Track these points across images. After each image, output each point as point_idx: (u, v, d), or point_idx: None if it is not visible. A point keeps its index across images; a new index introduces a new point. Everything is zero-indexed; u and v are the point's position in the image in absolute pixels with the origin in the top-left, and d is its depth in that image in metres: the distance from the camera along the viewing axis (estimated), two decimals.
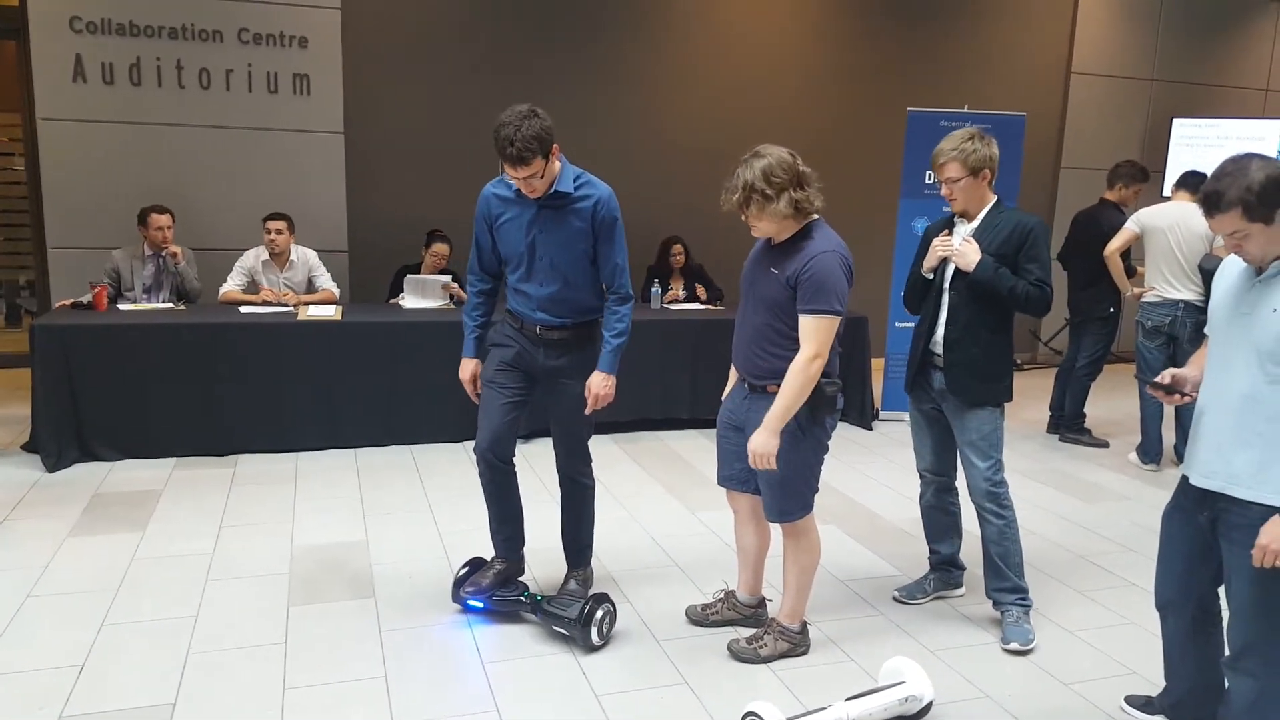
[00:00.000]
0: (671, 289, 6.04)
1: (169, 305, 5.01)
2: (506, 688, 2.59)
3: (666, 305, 5.78)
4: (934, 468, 3.11)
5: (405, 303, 5.30)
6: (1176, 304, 4.72)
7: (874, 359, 5.72)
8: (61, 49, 5.36)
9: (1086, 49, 7.64)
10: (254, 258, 5.24)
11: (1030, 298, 2.80)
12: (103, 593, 3.08)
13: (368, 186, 6.09)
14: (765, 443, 2.53)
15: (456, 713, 2.46)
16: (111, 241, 5.32)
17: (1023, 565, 2.99)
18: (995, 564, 2.97)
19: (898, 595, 3.22)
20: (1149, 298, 4.84)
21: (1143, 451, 4.97)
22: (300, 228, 5.37)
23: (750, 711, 2.28)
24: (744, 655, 2.76)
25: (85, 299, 4.78)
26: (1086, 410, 5.45)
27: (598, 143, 6.35)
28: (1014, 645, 2.86)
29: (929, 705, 2.47)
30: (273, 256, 5.23)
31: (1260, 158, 1.96)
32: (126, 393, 4.41)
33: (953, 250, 2.86)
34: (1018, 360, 7.61)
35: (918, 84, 7.10)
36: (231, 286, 5.19)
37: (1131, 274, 5.11)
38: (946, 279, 2.91)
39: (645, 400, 5.20)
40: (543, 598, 2.91)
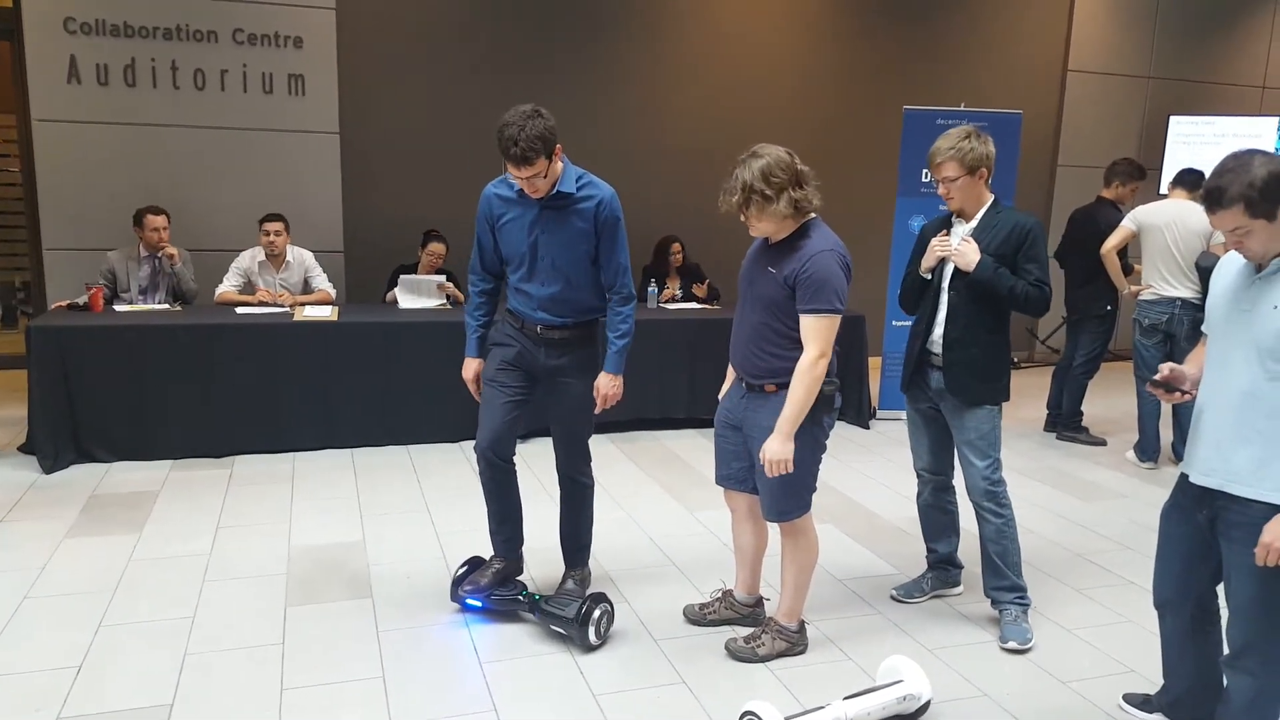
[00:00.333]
0: (668, 288, 6.04)
1: (165, 306, 5.00)
2: (504, 687, 2.58)
3: (663, 305, 5.78)
4: (931, 467, 3.11)
5: (401, 302, 5.29)
6: (1174, 302, 4.73)
7: (871, 358, 5.72)
8: (56, 50, 5.35)
9: (1083, 47, 7.64)
10: (250, 258, 5.24)
11: (1030, 298, 2.80)
12: (100, 594, 3.07)
13: (363, 187, 6.08)
14: (779, 449, 2.52)
15: (454, 713, 2.46)
16: (107, 243, 5.31)
17: (1021, 564, 2.99)
18: (993, 563, 2.97)
19: (895, 594, 3.22)
20: (1146, 295, 4.84)
21: (1140, 449, 4.98)
22: (296, 228, 5.36)
23: (748, 711, 2.28)
24: (742, 654, 2.76)
25: (81, 300, 4.77)
26: (1084, 408, 5.45)
27: (595, 142, 6.35)
28: (1012, 644, 2.87)
29: (927, 704, 2.47)
30: (269, 257, 5.22)
31: (1262, 154, 1.95)
32: (123, 394, 4.40)
33: (951, 250, 2.85)
34: (1015, 359, 7.62)
35: (914, 82, 7.11)
36: (228, 287, 5.18)
37: (1128, 272, 5.11)
38: (945, 279, 2.91)
39: (642, 400, 5.19)
40: (541, 597, 2.91)
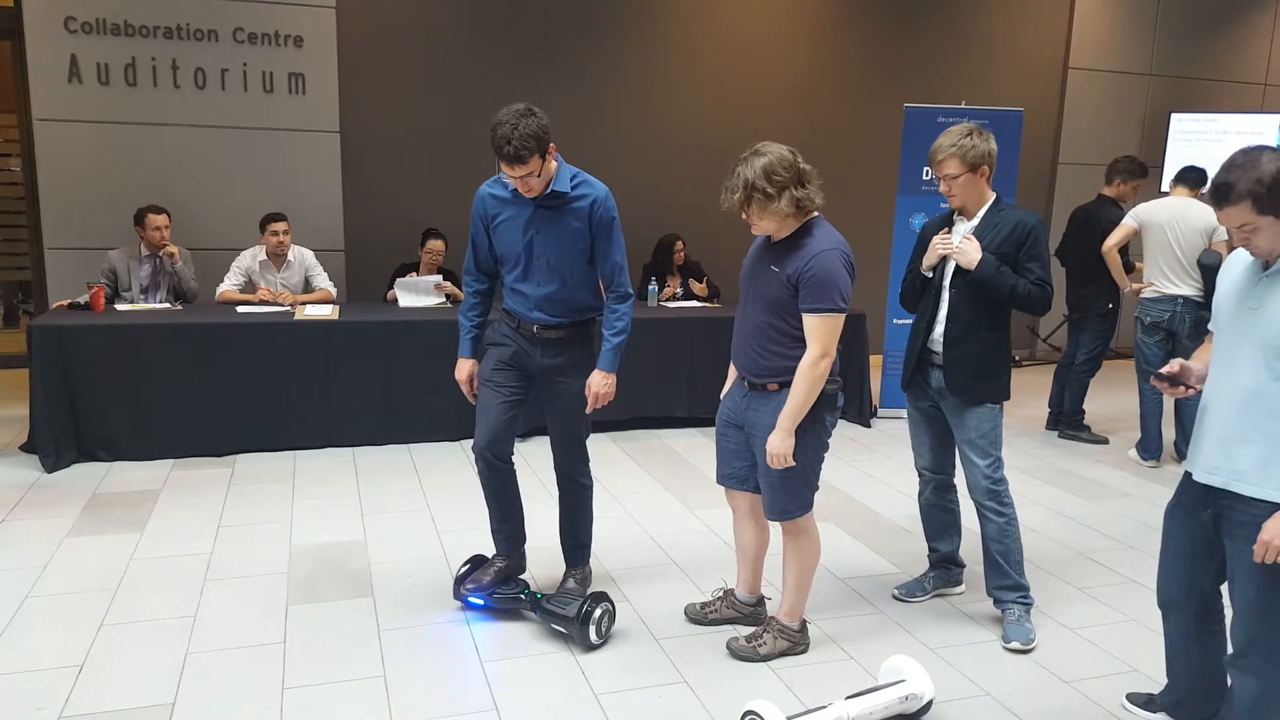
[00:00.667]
0: (669, 285, 6.04)
1: (166, 305, 5.00)
2: (505, 686, 2.58)
3: (663, 303, 5.78)
4: (933, 465, 3.11)
5: (401, 301, 5.29)
6: (1175, 299, 4.72)
7: (872, 356, 5.71)
8: (57, 49, 5.35)
9: (1084, 44, 7.63)
10: (251, 258, 5.24)
11: (1032, 297, 2.79)
12: (101, 593, 3.07)
13: (364, 186, 6.08)
14: (781, 443, 2.53)
15: (455, 712, 2.46)
16: (108, 242, 5.31)
17: (1023, 563, 2.99)
18: (996, 562, 2.97)
19: (897, 593, 3.22)
20: (1148, 293, 4.83)
21: (1142, 448, 4.97)
22: (296, 227, 5.36)
23: (750, 710, 2.28)
24: (743, 654, 2.76)
25: (82, 299, 4.77)
26: (1086, 406, 5.45)
27: (596, 141, 6.35)
28: (1015, 645, 2.86)
29: (929, 703, 2.47)
30: (271, 257, 5.22)
31: (1271, 150, 1.94)
32: (124, 393, 4.40)
33: (953, 248, 2.84)
34: (1016, 357, 7.62)
35: (915, 80, 7.10)
36: (229, 286, 5.18)
37: (1130, 270, 5.10)
38: (946, 277, 2.90)
39: (643, 399, 5.19)
40: (542, 596, 2.90)
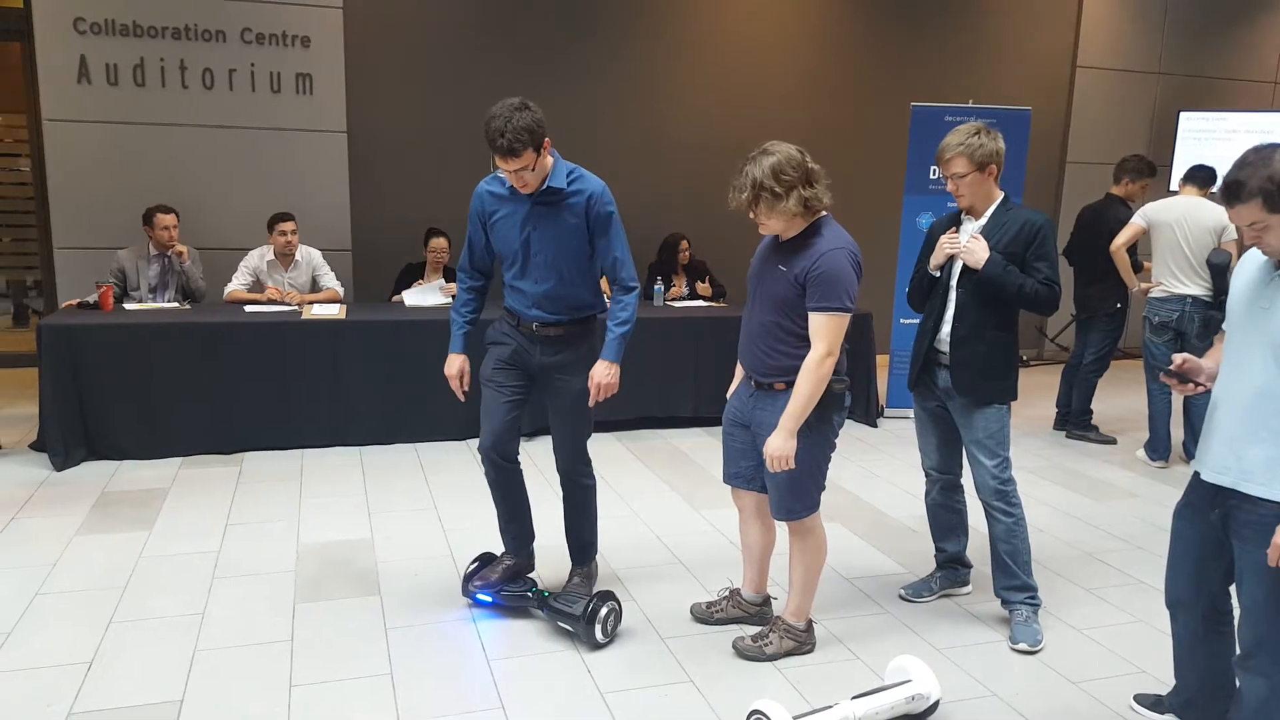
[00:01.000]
0: (675, 285, 6.04)
1: (174, 305, 5.02)
2: (512, 685, 2.59)
3: (669, 303, 5.78)
4: (940, 465, 3.10)
5: (407, 300, 5.31)
6: (1184, 299, 4.70)
7: (879, 355, 5.70)
8: (66, 50, 5.38)
9: (1092, 42, 7.60)
10: (259, 257, 5.25)
11: (1039, 296, 2.78)
12: (110, 590, 3.09)
13: (371, 185, 6.09)
14: (782, 445, 2.52)
15: (462, 709, 2.47)
16: (117, 241, 5.33)
17: (1031, 563, 2.98)
18: (1004, 562, 2.96)
19: (904, 593, 3.21)
20: (1156, 293, 4.81)
21: (1150, 448, 4.95)
22: (304, 227, 5.38)
23: (756, 710, 2.28)
24: (749, 653, 2.76)
25: (91, 299, 4.79)
26: (1093, 407, 5.43)
27: (600, 141, 6.35)
28: (1022, 646, 2.85)
29: (935, 704, 2.47)
30: (279, 256, 5.24)
31: None
32: (133, 392, 4.42)
33: (961, 248, 2.84)
34: (1023, 357, 7.59)
35: (922, 78, 7.08)
36: (236, 286, 5.20)
37: (1138, 269, 5.08)
38: (953, 276, 2.89)
39: (648, 398, 5.19)
40: (549, 594, 2.91)
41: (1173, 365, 2.21)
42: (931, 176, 5.53)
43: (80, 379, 4.34)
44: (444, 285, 5.34)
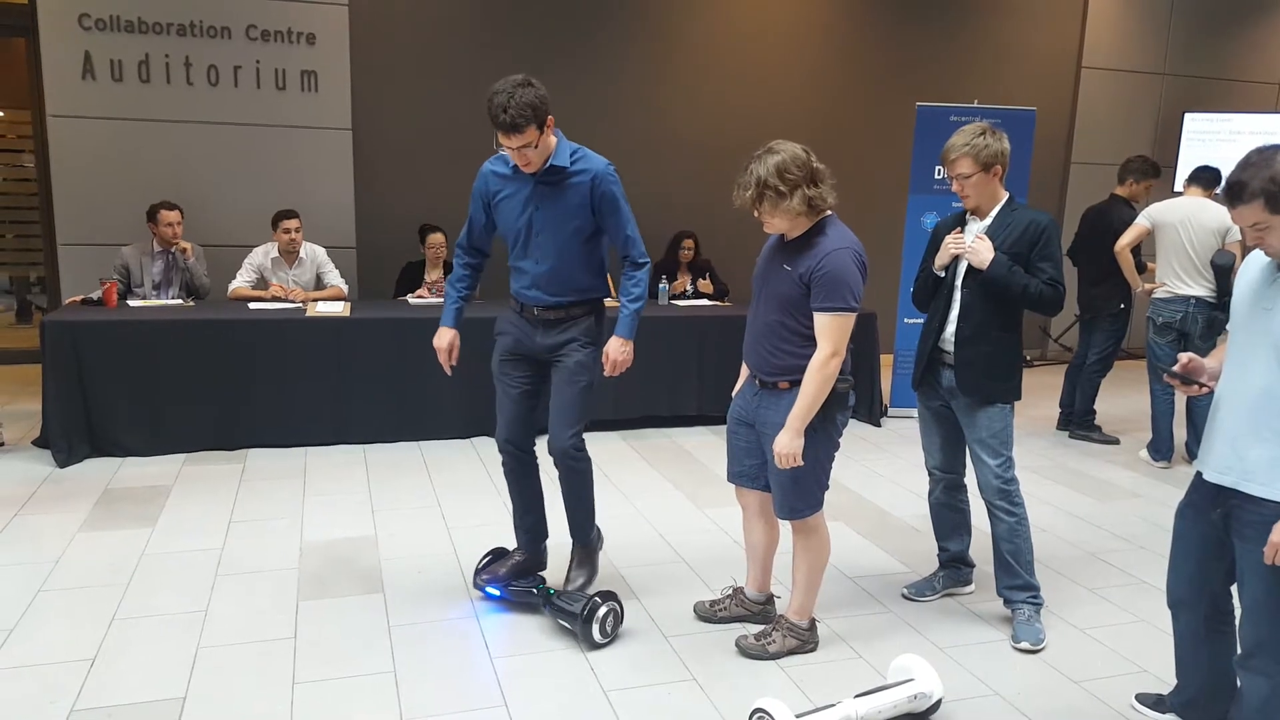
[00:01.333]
0: (679, 280, 6.05)
1: (178, 301, 5.03)
2: (515, 683, 2.59)
3: (673, 301, 5.78)
4: (943, 465, 3.10)
5: (412, 299, 5.31)
6: (1188, 300, 4.69)
7: (883, 355, 5.70)
8: (71, 46, 5.38)
9: (1097, 43, 7.59)
10: (263, 254, 5.26)
11: (1044, 297, 2.78)
12: (114, 587, 3.09)
13: (376, 183, 6.10)
14: (790, 443, 2.53)
15: (465, 707, 2.47)
16: (121, 238, 5.34)
17: (1033, 563, 2.98)
18: (1006, 561, 2.96)
19: (907, 592, 3.22)
20: (1160, 294, 4.81)
21: (1153, 448, 4.95)
22: (308, 224, 5.38)
23: (759, 708, 2.28)
24: (752, 652, 2.76)
25: (95, 295, 4.80)
26: (1097, 407, 5.42)
27: (605, 139, 6.31)
28: (1025, 645, 2.85)
29: (938, 703, 2.47)
30: (284, 254, 5.24)
31: None
32: (136, 388, 4.43)
33: (965, 248, 2.84)
34: (1027, 357, 7.58)
35: (927, 78, 7.08)
36: (241, 283, 5.20)
37: (1142, 270, 5.08)
38: (958, 277, 2.89)
39: (653, 397, 5.19)
40: (554, 592, 2.91)
41: (1176, 366, 2.21)
42: (936, 176, 5.53)
43: (83, 376, 4.35)
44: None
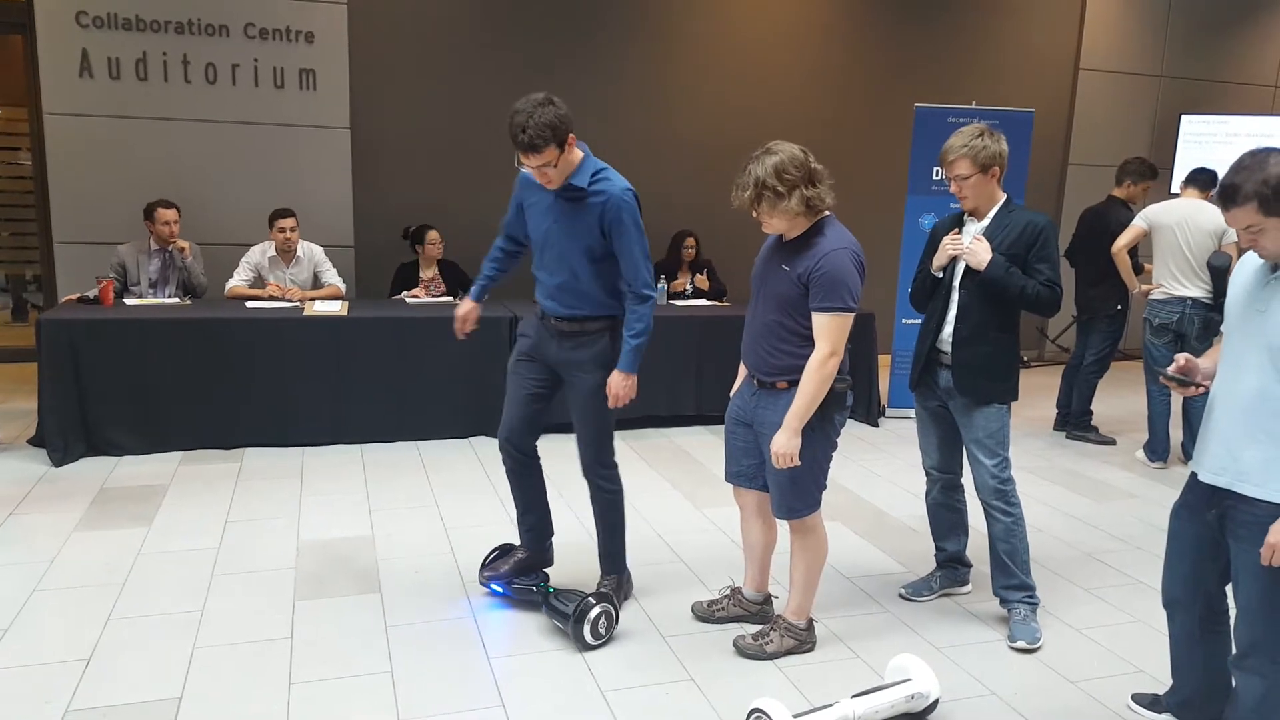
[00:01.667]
0: (679, 280, 6.06)
1: (175, 300, 5.02)
2: (512, 683, 2.59)
3: (672, 301, 5.79)
4: (940, 465, 3.10)
5: (409, 299, 5.31)
6: (1184, 301, 4.70)
7: (881, 355, 5.70)
8: (68, 43, 5.37)
9: (1095, 45, 7.60)
10: (260, 253, 5.25)
11: (1041, 298, 2.79)
12: (109, 587, 3.08)
13: (374, 182, 6.09)
14: (787, 443, 2.53)
15: (462, 707, 2.47)
16: (118, 236, 5.33)
17: (1029, 563, 2.99)
18: (1002, 561, 2.97)
19: (904, 592, 3.22)
20: (1157, 295, 4.82)
21: (1150, 449, 4.96)
22: (306, 223, 5.37)
23: (756, 708, 2.28)
24: (750, 652, 2.76)
25: (91, 293, 4.79)
26: (1093, 408, 5.43)
27: (605, 139, 6.29)
28: (1021, 644, 2.86)
29: (935, 703, 2.47)
30: (281, 252, 5.24)
31: (1278, 153, 1.94)
32: (133, 387, 4.41)
33: (963, 249, 2.84)
34: (1024, 358, 7.59)
35: (926, 79, 7.08)
36: (238, 282, 5.19)
37: (1139, 271, 5.09)
38: (956, 277, 2.90)
39: (651, 397, 5.17)
40: (554, 590, 2.91)
41: (1172, 368, 2.21)
42: (934, 177, 5.54)
43: (80, 374, 4.34)
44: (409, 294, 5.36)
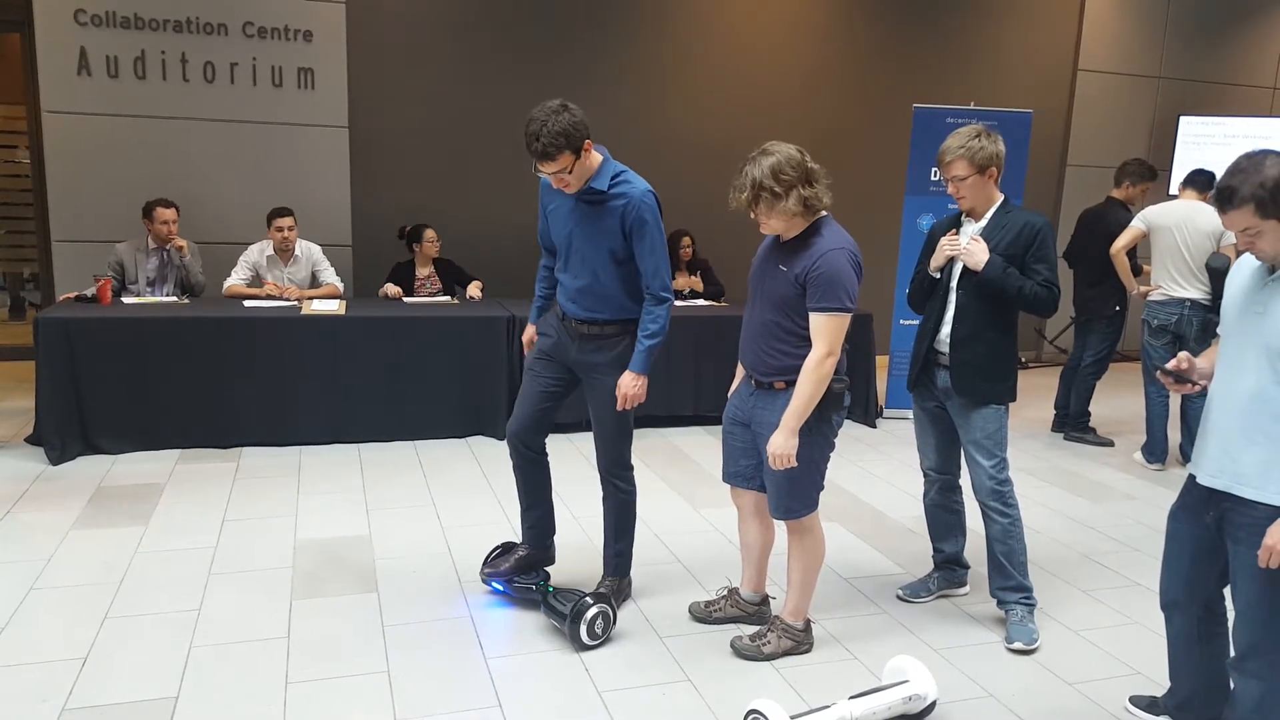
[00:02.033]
0: (676, 279, 6.06)
1: (173, 299, 5.01)
2: (509, 683, 2.59)
3: None
4: (938, 466, 3.10)
5: (406, 298, 5.31)
6: (1183, 303, 4.70)
7: (879, 356, 5.70)
8: (66, 42, 5.36)
9: (1093, 46, 7.60)
10: (258, 252, 5.24)
11: (1038, 298, 2.79)
12: (106, 586, 3.08)
13: (372, 181, 6.08)
14: (784, 443, 2.53)
15: (459, 708, 2.46)
16: (116, 235, 5.32)
17: (1027, 564, 2.99)
18: (1000, 563, 2.97)
19: (901, 593, 3.22)
20: (1155, 296, 4.82)
21: (1148, 451, 4.96)
22: (304, 222, 5.37)
23: (753, 709, 2.28)
24: (747, 653, 2.76)
25: (89, 292, 4.78)
26: (1091, 409, 5.44)
27: (604, 139, 6.31)
28: (1018, 645, 2.86)
29: (933, 704, 2.47)
30: (279, 252, 5.23)
31: (1275, 155, 1.95)
32: (130, 386, 4.41)
33: (961, 249, 2.84)
34: (1022, 359, 7.60)
35: (924, 80, 7.08)
36: (236, 280, 5.19)
37: (1138, 272, 5.09)
38: (954, 278, 2.90)
39: (649, 396, 5.13)
40: (553, 590, 2.91)
41: (1170, 364, 2.21)
42: (932, 178, 5.54)
43: (77, 373, 4.33)
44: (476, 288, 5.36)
